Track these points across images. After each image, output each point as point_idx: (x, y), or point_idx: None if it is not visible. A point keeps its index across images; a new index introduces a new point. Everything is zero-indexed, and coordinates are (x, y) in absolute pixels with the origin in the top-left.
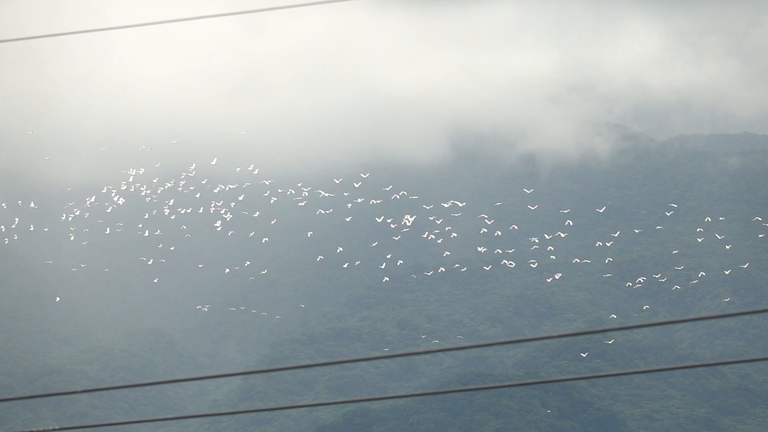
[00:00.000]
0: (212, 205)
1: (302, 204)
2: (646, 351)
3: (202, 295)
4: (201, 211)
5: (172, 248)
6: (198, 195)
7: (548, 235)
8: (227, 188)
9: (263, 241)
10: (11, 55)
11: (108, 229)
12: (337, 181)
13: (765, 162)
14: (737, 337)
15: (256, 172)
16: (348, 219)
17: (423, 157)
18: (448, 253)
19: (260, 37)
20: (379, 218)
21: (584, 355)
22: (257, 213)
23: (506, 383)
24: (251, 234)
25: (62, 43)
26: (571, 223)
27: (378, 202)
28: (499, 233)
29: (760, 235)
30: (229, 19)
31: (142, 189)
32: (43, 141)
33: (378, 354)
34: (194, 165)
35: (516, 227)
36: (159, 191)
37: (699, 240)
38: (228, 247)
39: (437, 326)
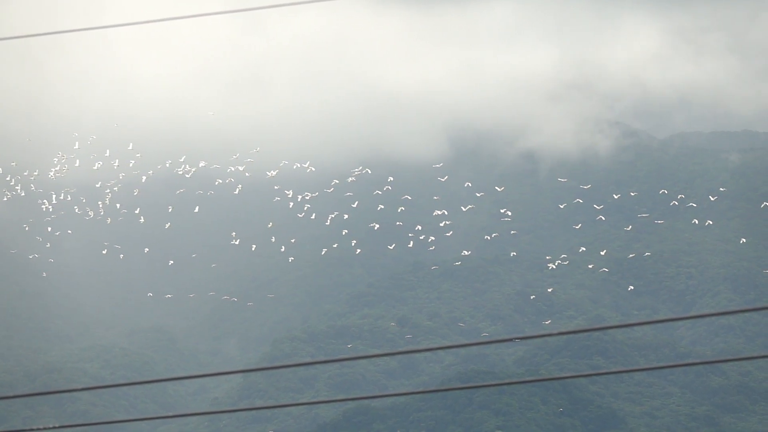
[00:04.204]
0: (213, 202)
1: (302, 201)
2: (646, 348)
3: (203, 292)
4: (201, 209)
5: (173, 246)
6: (199, 193)
7: (549, 233)
8: (227, 185)
9: (263, 238)
10: (10, 53)
11: (108, 227)
12: (336, 179)
13: (766, 159)
14: (737, 334)
15: (254, 170)
16: (347, 216)
17: (422, 155)
18: (449, 251)
19: (258, 34)
20: (379, 216)
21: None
22: (257, 210)
23: (506, 381)
24: (251, 231)
25: (60, 42)
26: (571, 221)
27: (378, 201)
28: (500, 231)
29: (761, 233)
30: (227, 16)
31: (142, 187)
32: (41, 139)
33: (378, 351)
34: (193, 163)
35: (516, 225)
36: (159, 189)
37: (699, 237)
38: (228, 244)
39: (437, 324)
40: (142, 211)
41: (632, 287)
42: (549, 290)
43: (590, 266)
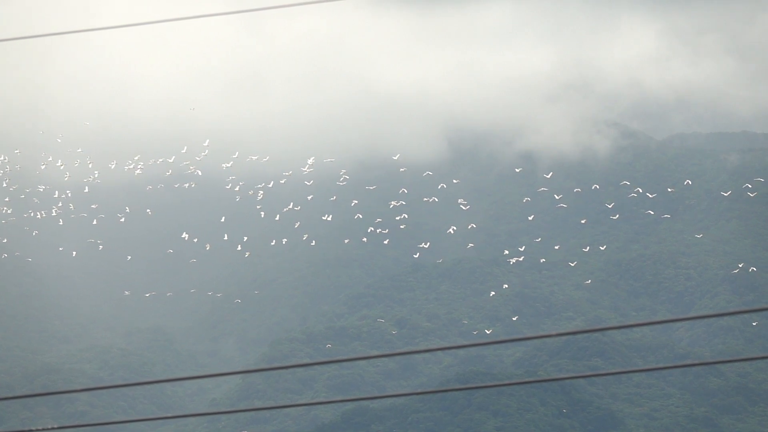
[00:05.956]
0: (212, 203)
1: (300, 202)
2: (645, 349)
3: (202, 293)
4: (199, 209)
5: (171, 247)
6: (197, 193)
7: (546, 234)
8: (225, 186)
9: (262, 239)
10: (9, 53)
11: (106, 227)
12: (334, 180)
13: (764, 160)
14: (736, 335)
15: (254, 170)
16: (346, 217)
17: (421, 156)
18: (447, 252)
19: (257, 35)
20: (377, 216)
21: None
22: (258, 211)
23: (505, 382)
24: (250, 232)
25: (60, 42)
26: (569, 222)
27: (377, 201)
28: (498, 231)
29: (760, 233)
30: (226, 17)
31: (140, 187)
32: (41, 139)
33: (377, 352)
34: (192, 163)
35: (514, 226)
36: (158, 190)
37: (698, 238)
38: (227, 245)
39: (436, 325)
40: (141, 213)
41: (631, 288)
42: (548, 291)
43: (589, 267)
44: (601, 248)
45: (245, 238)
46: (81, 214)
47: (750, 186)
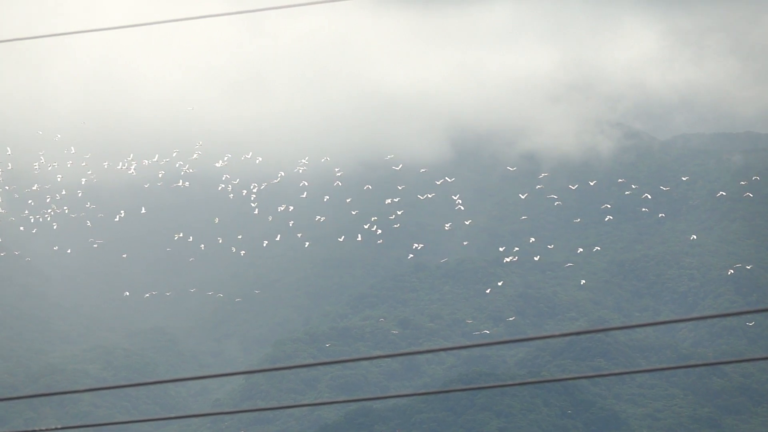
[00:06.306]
0: (214, 204)
1: (303, 203)
2: (648, 350)
3: (202, 293)
4: (203, 209)
5: (169, 246)
6: (199, 194)
7: (550, 234)
8: (227, 187)
9: (264, 240)
10: (10, 54)
11: (104, 227)
12: (337, 180)
13: (767, 160)
14: (739, 336)
15: (255, 171)
16: (348, 218)
17: (423, 156)
18: (450, 252)
19: (260, 36)
20: (380, 217)
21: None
22: (258, 211)
23: (508, 382)
24: (252, 233)
25: (62, 43)
26: (572, 222)
27: (378, 202)
28: (501, 232)
29: (763, 234)
30: (229, 18)
31: (138, 186)
32: (43, 140)
33: (380, 353)
34: (195, 164)
35: (517, 226)
36: (160, 190)
37: (701, 239)
38: (230, 246)
39: (439, 325)
40: (143, 214)
41: (634, 288)
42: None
43: (592, 267)
44: (603, 249)
45: (239, 236)
46: (80, 214)
47: (753, 186)
